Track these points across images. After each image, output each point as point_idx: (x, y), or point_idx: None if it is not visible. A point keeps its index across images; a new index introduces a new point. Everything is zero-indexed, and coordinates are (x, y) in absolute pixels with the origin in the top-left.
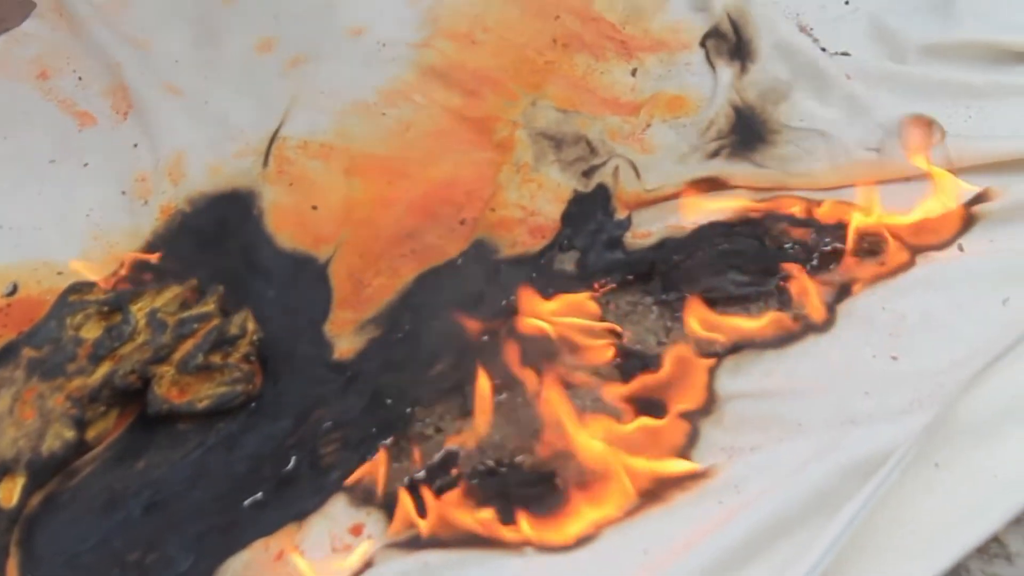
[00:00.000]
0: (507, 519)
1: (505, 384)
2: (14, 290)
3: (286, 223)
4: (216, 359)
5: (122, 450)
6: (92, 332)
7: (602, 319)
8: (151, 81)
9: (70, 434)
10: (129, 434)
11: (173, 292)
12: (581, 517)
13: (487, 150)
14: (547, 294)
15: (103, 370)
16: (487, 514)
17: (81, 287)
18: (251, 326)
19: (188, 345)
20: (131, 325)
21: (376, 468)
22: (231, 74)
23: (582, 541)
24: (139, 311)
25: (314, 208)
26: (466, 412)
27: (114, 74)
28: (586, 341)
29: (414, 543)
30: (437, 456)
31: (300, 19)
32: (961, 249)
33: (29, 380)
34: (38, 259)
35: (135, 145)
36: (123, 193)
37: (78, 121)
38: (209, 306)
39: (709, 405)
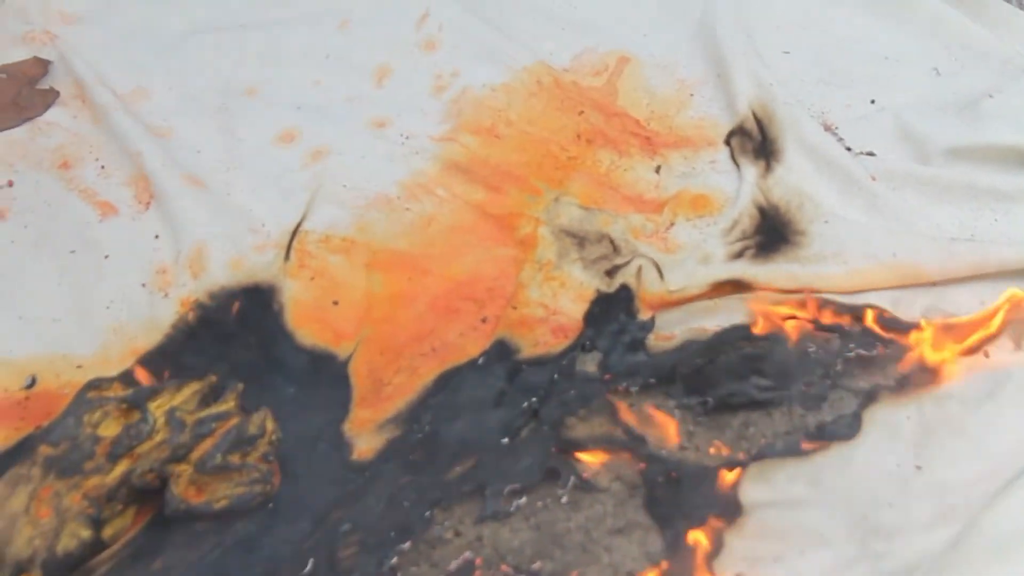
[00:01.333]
0: None
1: (525, 488)
2: (32, 383)
3: (307, 319)
4: (234, 459)
5: (138, 549)
6: (110, 430)
7: (625, 422)
8: (173, 171)
9: (86, 533)
10: (146, 533)
11: (192, 389)
12: None
13: (509, 246)
14: (568, 397)
15: (121, 469)
16: None
17: (99, 383)
18: (270, 426)
19: (207, 444)
20: (149, 424)
21: (395, 572)
22: (253, 165)
23: None
24: (158, 409)
25: (335, 303)
26: (485, 516)
27: (136, 164)
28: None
29: None
30: (455, 563)
31: (322, 110)
32: (987, 356)
33: (46, 478)
34: (57, 352)
35: (156, 236)
36: (143, 285)
37: (99, 211)
38: (228, 404)
39: (733, 514)
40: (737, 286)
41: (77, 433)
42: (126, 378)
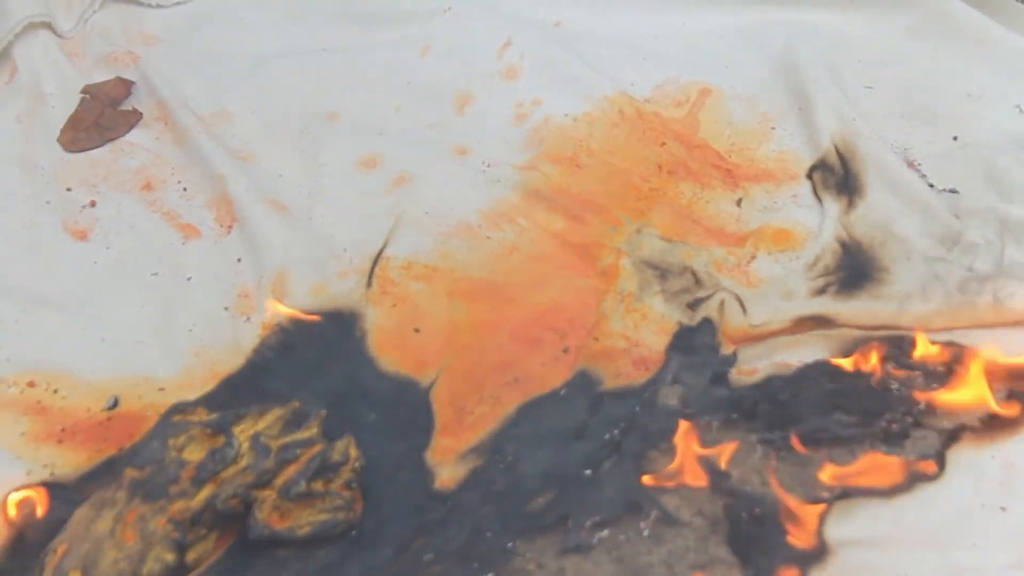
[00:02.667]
0: None
1: (607, 521)
2: (115, 404)
3: (389, 345)
4: (318, 486)
5: (221, 574)
6: (195, 454)
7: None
8: (255, 195)
9: (170, 557)
10: (228, 558)
11: (275, 414)
12: None
13: (591, 277)
14: (650, 430)
15: (205, 493)
16: None
17: (184, 407)
18: (353, 453)
19: (291, 471)
20: (235, 449)
21: None
22: (334, 190)
23: None
24: (242, 433)
25: (417, 331)
26: (567, 548)
27: (218, 186)
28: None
29: None
30: None
31: (405, 136)
32: None
33: (131, 501)
34: (139, 374)
35: (239, 259)
36: (226, 309)
37: (182, 234)
38: (312, 430)
39: (819, 552)
40: (820, 322)
41: (163, 457)
42: (209, 401)
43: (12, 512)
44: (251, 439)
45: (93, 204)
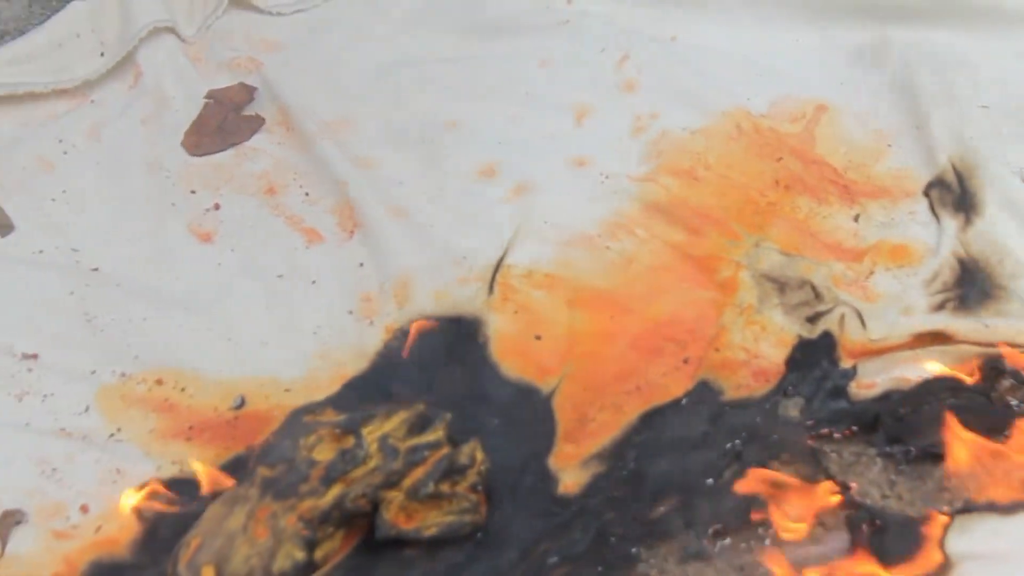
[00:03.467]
0: None
1: (729, 528)
2: (242, 403)
3: (510, 352)
4: (445, 488)
5: (348, 572)
6: (324, 454)
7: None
8: (376, 201)
9: (300, 555)
10: (355, 557)
11: (401, 417)
12: None
13: (709, 289)
14: (771, 441)
15: (334, 492)
16: None
17: (314, 408)
18: (479, 456)
19: (418, 472)
20: (364, 450)
21: None
22: (455, 198)
23: None
24: (370, 435)
25: (538, 338)
26: (689, 555)
27: (340, 192)
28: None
29: None
30: None
31: (524, 147)
32: None
33: (263, 499)
34: (265, 375)
35: (361, 264)
36: (350, 312)
37: (305, 237)
38: (437, 433)
39: (942, 566)
40: (938, 337)
41: (293, 456)
42: (335, 403)
43: (142, 508)
44: (379, 440)
45: (217, 207)
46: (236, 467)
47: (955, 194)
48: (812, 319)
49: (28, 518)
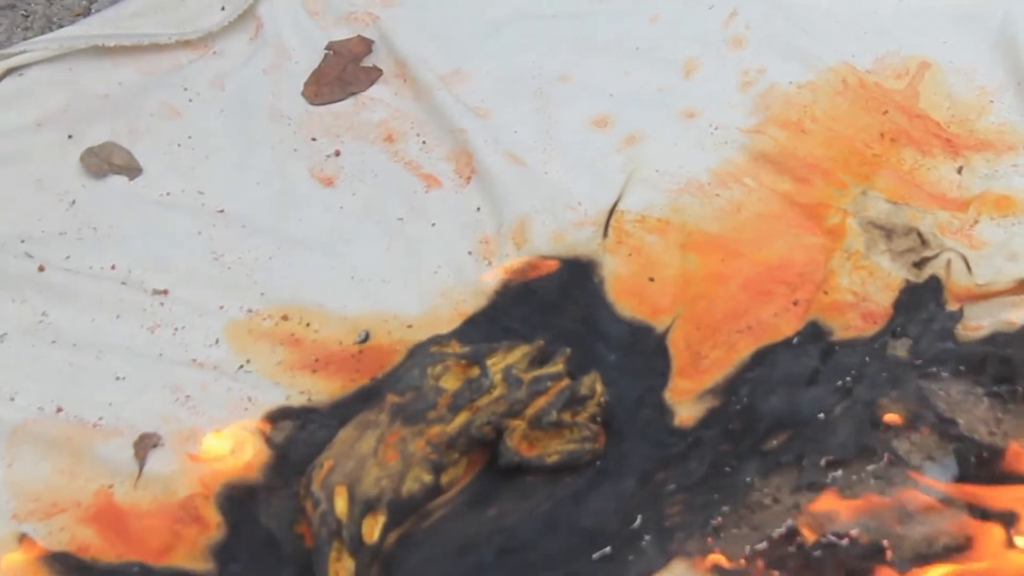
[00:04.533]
0: None
1: (840, 460)
2: (366, 338)
3: (625, 292)
4: (566, 417)
5: (473, 497)
6: (450, 383)
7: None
8: (494, 149)
9: (428, 478)
10: (478, 483)
11: (522, 351)
12: None
13: (817, 235)
14: (880, 379)
15: (461, 419)
16: None
17: (440, 340)
18: (599, 388)
19: (541, 402)
20: (489, 379)
21: (718, 532)
22: (568, 147)
23: None
24: (494, 366)
25: (651, 280)
26: (802, 486)
27: (457, 140)
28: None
29: None
30: (778, 527)
31: (635, 99)
32: None
33: (392, 424)
34: (388, 311)
35: (478, 208)
36: (469, 253)
37: (424, 183)
38: (558, 366)
39: None
40: None
41: (422, 384)
42: (457, 338)
43: (273, 434)
44: (503, 371)
45: (337, 153)
46: (362, 397)
47: None
48: (919, 264)
49: (164, 442)
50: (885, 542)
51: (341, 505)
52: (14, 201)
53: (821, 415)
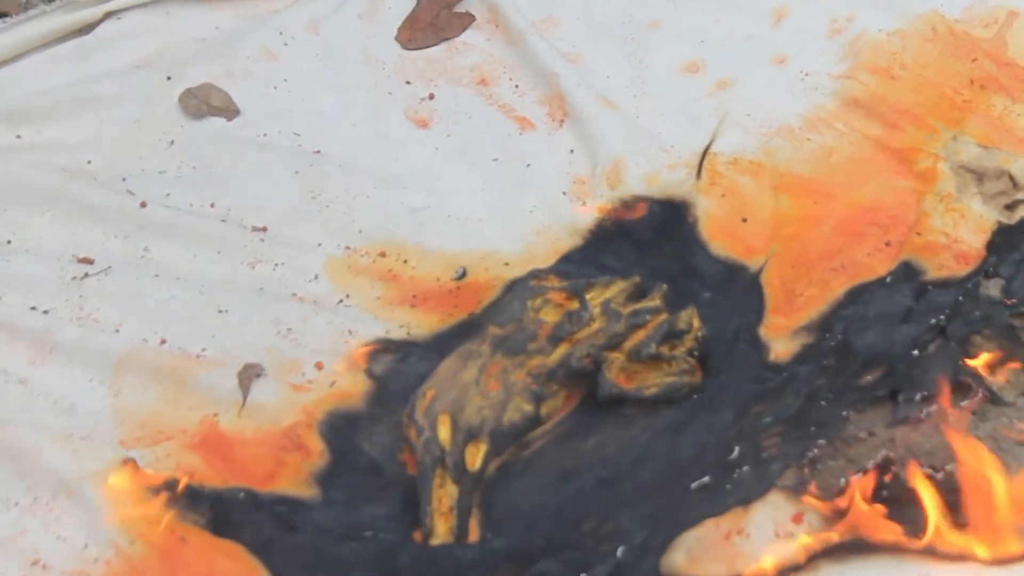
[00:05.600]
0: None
1: (935, 396)
2: (463, 275)
3: (719, 232)
4: (664, 350)
5: (571, 428)
6: (550, 316)
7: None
8: (586, 93)
9: (529, 408)
10: (577, 414)
11: (619, 286)
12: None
13: (908, 179)
14: (973, 317)
15: (560, 351)
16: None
17: (539, 274)
18: (696, 323)
19: (640, 335)
20: (589, 312)
21: (815, 464)
22: (660, 92)
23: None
24: (593, 300)
25: (744, 221)
26: (897, 420)
27: (550, 84)
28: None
29: (852, 544)
30: (873, 459)
31: (725, 45)
32: None
33: (494, 355)
34: (485, 249)
35: (571, 151)
36: (563, 193)
37: (518, 125)
38: (656, 301)
39: None
40: None
41: (522, 317)
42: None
43: (373, 366)
44: (602, 305)
45: (431, 97)
46: (460, 332)
47: None
48: (1010, 207)
49: (266, 372)
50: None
51: (444, 433)
52: (114, 141)
53: (915, 352)
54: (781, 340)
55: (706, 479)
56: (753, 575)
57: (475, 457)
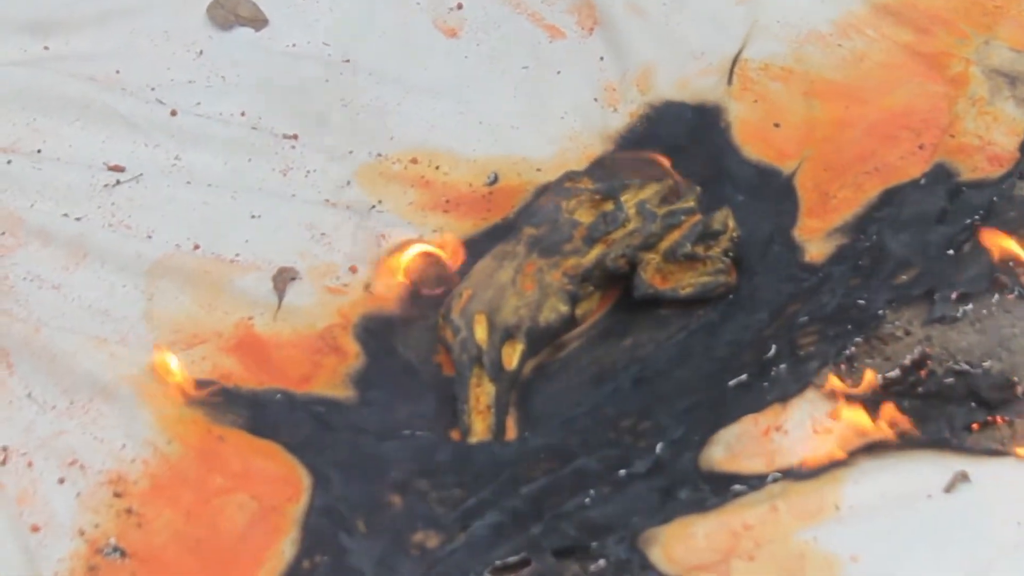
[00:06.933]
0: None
1: (971, 294)
2: (495, 180)
3: (751, 137)
4: (699, 250)
5: (607, 329)
6: (586, 216)
7: None
8: (616, 1)
9: (564, 308)
10: (612, 315)
11: (654, 188)
12: None
13: (940, 84)
14: (1008, 218)
15: (596, 252)
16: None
17: (573, 175)
18: (731, 223)
19: (675, 235)
20: (624, 212)
21: (851, 361)
22: (690, 1)
23: None
24: (627, 201)
25: (776, 125)
26: (933, 318)
27: None
28: None
29: (889, 440)
30: (910, 355)
31: None
32: None
33: (529, 255)
34: (517, 155)
35: (601, 58)
36: (595, 100)
37: (548, 34)
38: (690, 202)
39: None
40: None
41: (557, 218)
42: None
43: (408, 268)
44: (637, 205)
45: (460, 7)
46: (493, 236)
47: None
48: None
49: (301, 276)
50: (1015, 377)
51: (481, 332)
52: (142, 51)
53: (950, 251)
54: (815, 242)
55: (743, 377)
56: (791, 470)
57: (512, 356)
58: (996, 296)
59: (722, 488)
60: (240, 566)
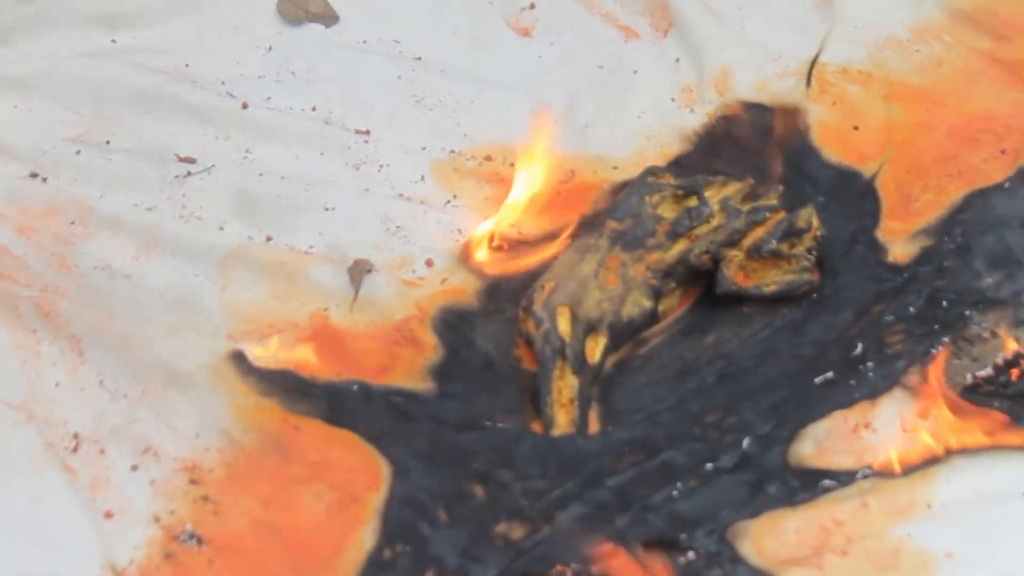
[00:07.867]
0: None
1: None
2: (571, 177)
3: (830, 139)
4: (784, 247)
5: (689, 325)
6: (668, 211)
7: None
8: (691, 2)
9: (647, 303)
10: (694, 311)
11: (736, 187)
12: None
13: (1020, 90)
14: None
15: (679, 247)
16: None
17: (656, 170)
18: (815, 222)
19: (759, 232)
20: (708, 208)
21: (939, 362)
22: (765, 3)
23: None
24: (711, 197)
25: (855, 128)
26: (1020, 321)
27: None
28: None
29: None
30: (1002, 356)
31: None
32: None
33: (612, 249)
34: (593, 152)
35: (677, 60)
36: (672, 100)
37: (623, 34)
38: (773, 200)
39: None
40: None
41: (640, 212)
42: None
43: (486, 263)
44: (721, 202)
45: (532, 6)
46: (593, 225)
47: None
48: None
49: (377, 268)
50: None
51: (564, 325)
52: (211, 46)
53: None
54: (899, 243)
55: (830, 374)
56: (882, 467)
57: (594, 350)
58: None
59: (811, 483)
60: (319, 554)
